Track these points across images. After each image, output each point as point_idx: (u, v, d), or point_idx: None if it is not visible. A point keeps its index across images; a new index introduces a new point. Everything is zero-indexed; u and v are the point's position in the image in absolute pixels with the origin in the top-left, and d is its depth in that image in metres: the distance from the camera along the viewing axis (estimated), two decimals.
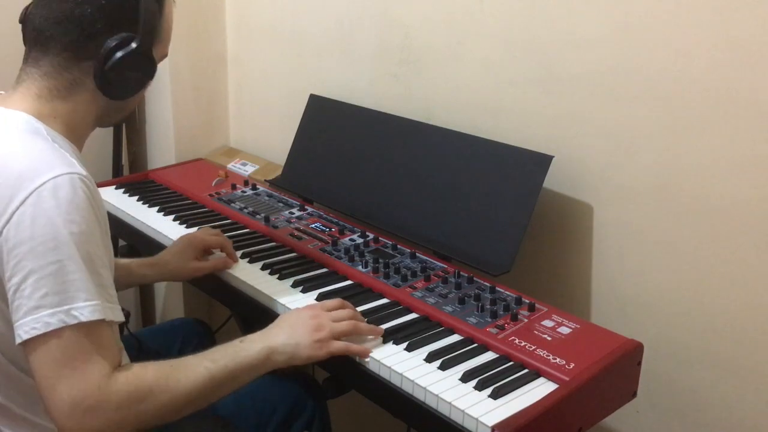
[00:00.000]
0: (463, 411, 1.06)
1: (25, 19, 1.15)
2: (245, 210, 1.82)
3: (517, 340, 1.23)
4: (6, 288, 0.99)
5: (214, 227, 1.71)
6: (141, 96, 1.23)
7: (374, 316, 1.31)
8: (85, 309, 0.97)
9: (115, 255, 1.33)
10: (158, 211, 1.83)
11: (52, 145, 1.05)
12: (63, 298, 0.96)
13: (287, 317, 1.23)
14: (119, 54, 1.09)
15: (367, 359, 1.20)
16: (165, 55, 1.24)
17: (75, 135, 1.14)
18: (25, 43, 1.17)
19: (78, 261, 0.98)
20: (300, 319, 1.21)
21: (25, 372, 1.07)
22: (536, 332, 1.26)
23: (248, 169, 2.18)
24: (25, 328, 0.96)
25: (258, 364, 1.13)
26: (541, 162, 1.46)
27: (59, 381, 0.96)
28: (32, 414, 1.10)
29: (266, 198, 1.91)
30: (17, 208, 0.97)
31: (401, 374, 1.15)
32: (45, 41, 1.10)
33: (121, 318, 1.04)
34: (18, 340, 0.97)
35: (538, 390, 1.12)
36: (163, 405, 1.03)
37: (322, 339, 1.18)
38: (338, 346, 1.19)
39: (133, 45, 1.10)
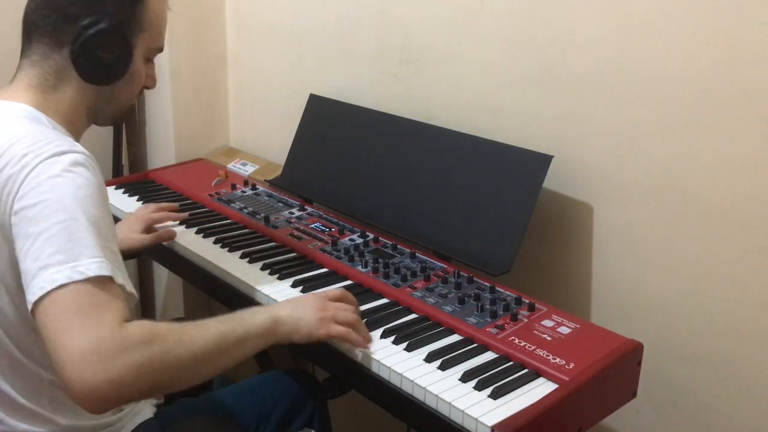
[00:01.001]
0: (462, 411, 1.06)
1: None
2: (245, 210, 1.82)
3: (516, 340, 1.23)
4: (18, 260, 0.98)
5: (213, 227, 1.71)
6: (131, 88, 1.24)
7: (374, 316, 1.31)
8: (92, 264, 0.96)
9: None
10: None
11: (54, 131, 1.09)
12: (69, 256, 0.95)
13: (293, 298, 1.28)
14: (89, 32, 1.13)
15: (362, 351, 1.20)
16: (160, 49, 1.26)
17: (71, 129, 1.17)
18: None
19: (83, 221, 0.98)
20: (305, 299, 1.26)
21: (31, 358, 1.08)
22: (536, 332, 1.26)
23: (248, 169, 2.18)
24: (34, 290, 0.94)
25: (262, 332, 1.14)
26: (541, 162, 1.46)
27: (70, 329, 0.92)
28: (37, 405, 1.11)
29: (266, 198, 1.91)
30: (23, 182, 1.00)
31: (401, 374, 1.15)
32: (30, 29, 1.16)
33: (130, 286, 1.02)
34: (29, 307, 0.95)
35: (538, 390, 1.12)
36: (177, 358, 0.99)
37: (325, 318, 1.20)
38: (339, 329, 1.20)
39: (102, 25, 1.13)
